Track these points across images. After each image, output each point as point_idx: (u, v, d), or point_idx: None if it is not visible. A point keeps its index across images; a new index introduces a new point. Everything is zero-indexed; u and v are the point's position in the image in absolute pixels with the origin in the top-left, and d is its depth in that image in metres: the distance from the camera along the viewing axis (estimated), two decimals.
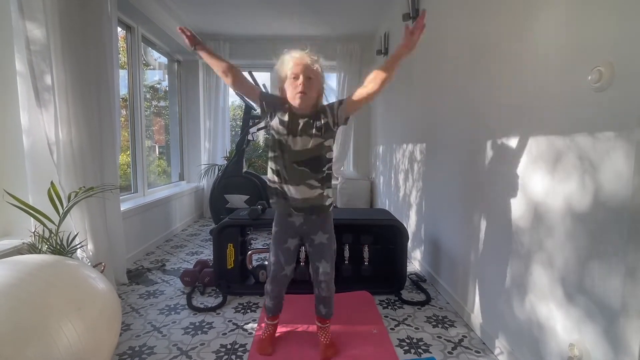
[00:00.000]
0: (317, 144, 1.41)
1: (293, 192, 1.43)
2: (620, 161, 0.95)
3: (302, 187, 1.42)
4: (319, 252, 1.52)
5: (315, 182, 1.43)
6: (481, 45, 1.71)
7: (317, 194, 1.44)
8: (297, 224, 1.50)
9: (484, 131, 1.68)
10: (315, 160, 1.42)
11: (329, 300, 1.57)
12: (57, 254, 1.55)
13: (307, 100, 1.37)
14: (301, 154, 1.41)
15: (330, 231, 1.53)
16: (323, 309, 1.58)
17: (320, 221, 1.50)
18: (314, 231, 1.50)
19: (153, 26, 3.29)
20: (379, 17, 3.71)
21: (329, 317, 1.59)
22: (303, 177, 1.42)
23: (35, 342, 1.01)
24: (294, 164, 1.41)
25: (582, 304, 1.08)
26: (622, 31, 0.95)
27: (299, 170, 1.41)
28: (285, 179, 1.44)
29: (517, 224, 1.41)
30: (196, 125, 4.55)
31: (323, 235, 1.51)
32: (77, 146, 1.90)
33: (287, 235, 1.52)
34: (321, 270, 1.52)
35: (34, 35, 1.68)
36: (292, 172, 1.42)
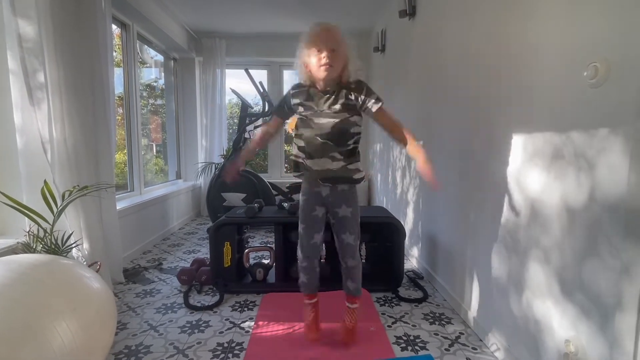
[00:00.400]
0: (341, 118, 1.43)
1: (316, 165, 1.46)
2: (616, 158, 0.95)
3: (324, 159, 1.45)
4: (343, 225, 1.53)
5: (338, 155, 1.45)
6: (478, 42, 1.71)
7: (340, 166, 1.46)
8: (323, 195, 1.53)
9: (481, 128, 1.68)
10: (338, 134, 1.43)
11: (356, 273, 1.58)
12: (51, 254, 1.54)
13: (333, 72, 1.38)
14: (324, 127, 1.43)
15: (354, 205, 1.54)
16: (351, 284, 1.59)
17: (346, 195, 1.52)
18: (338, 204, 1.52)
19: (148, 24, 3.26)
20: (375, 13, 3.69)
21: (357, 294, 1.59)
22: (326, 151, 1.44)
23: (29, 343, 1.01)
24: (317, 136, 1.43)
25: (578, 301, 1.08)
26: (617, 27, 0.95)
27: (322, 142, 1.43)
28: (309, 154, 1.47)
29: (514, 221, 1.41)
30: (193, 123, 4.53)
31: (347, 209, 1.52)
32: (71, 145, 1.89)
33: (314, 203, 1.54)
34: (345, 242, 1.54)
35: (26, 32, 1.66)
36: (315, 146, 1.45)
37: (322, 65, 1.36)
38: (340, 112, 1.42)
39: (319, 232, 1.56)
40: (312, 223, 1.55)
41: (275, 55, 4.44)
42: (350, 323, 1.60)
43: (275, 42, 4.36)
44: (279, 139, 4.77)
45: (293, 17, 3.78)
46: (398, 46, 3.17)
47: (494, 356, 1.53)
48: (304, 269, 1.60)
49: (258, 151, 1.58)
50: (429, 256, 2.40)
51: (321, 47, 1.35)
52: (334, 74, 1.39)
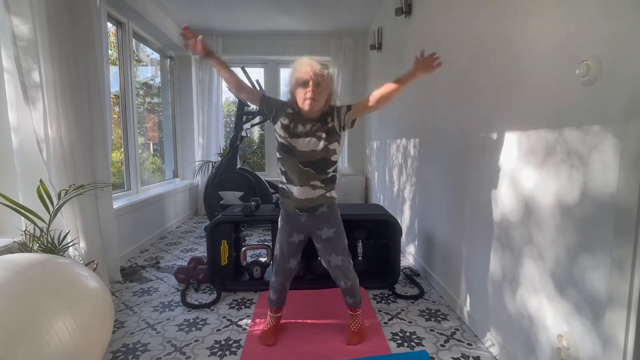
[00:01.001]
0: (322, 147, 1.45)
1: (296, 193, 1.48)
2: (607, 155, 0.96)
3: (305, 187, 1.48)
4: (328, 247, 1.55)
5: (318, 183, 1.48)
6: (473, 41, 1.71)
7: (319, 194, 1.49)
8: (302, 220, 1.54)
9: (476, 126, 1.69)
10: (319, 162, 1.47)
11: (352, 290, 1.60)
12: (48, 253, 1.54)
13: (316, 105, 1.42)
14: (305, 156, 1.45)
15: (336, 225, 1.56)
16: (349, 299, 1.62)
17: (325, 216, 1.53)
18: (319, 227, 1.54)
19: (144, 22, 3.25)
20: (372, 12, 3.69)
21: (356, 305, 1.63)
22: (307, 178, 1.47)
23: (26, 341, 1.01)
24: (299, 164, 1.46)
25: (571, 297, 1.09)
26: (609, 25, 0.96)
27: (304, 170, 1.46)
28: (290, 180, 1.50)
29: (508, 219, 1.42)
30: (190, 121, 4.52)
31: (329, 230, 1.54)
32: (67, 144, 1.88)
33: (292, 230, 1.56)
34: (333, 264, 1.55)
35: (21, 31, 1.65)
36: (296, 173, 1.47)
37: (306, 99, 1.40)
38: (321, 140, 1.45)
39: (295, 258, 1.59)
40: (289, 249, 1.57)
41: (272, 54, 4.43)
42: (354, 327, 1.64)
43: (272, 40, 4.35)
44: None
45: (290, 16, 3.77)
46: (394, 44, 3.18)
47: (488, 352, 1.54)
48: (276, 290, 1.64)
49: (219, 62, 1.50)
50: (425, 253, 2.42)
51: (307, 79, 1.39)
52: (316, 107, 1.43)
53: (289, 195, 1.51)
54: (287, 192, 1.52)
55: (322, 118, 1.47)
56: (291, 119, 1.47)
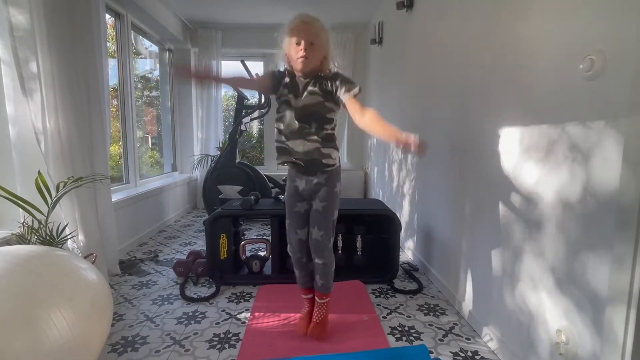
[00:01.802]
0: (316, 102, 1.45)
1: (294, 146, 1.49)
2: (609, 151, 0.95)
3: (301, 140, 1.47)
4: (313, 218, 1.55)
5: (315, 137, 1.47)
6: (475, 34, 1.70)
7: (315, 147, 1.47)
8: (300, 188, 1.56)
9: (477, 121, 1.68)
10: (314, 116, 1.46)
11: (326, 270, 1.56)
12: (46, 245, 1.53)
13: (309, 64, 1.41)
14: (301, 110, 1.46)
15: (328, 199, 1.53)
16: (319, 281, 1.58)
17: (319, 188, 1.53)
18: (313, 197, 1.55)
19: (143, 13, 3.21)
20: (373, 6, 3.66)
21: (324, 291, 1.59)
22: (303, 132, 1.47)
23: (24, 333, 1.00)
24: (295, 119, 1.46)
25: (571, 292, 1.09)
26: (613, 19, 0.95)
27: (300, 125, 1.46)
28: (287, 136, 1.50)
29: (508, 214, 1.42)
30: (188, 115, 4.50)
31: (320, 203, 1.53)
32: (65, 136, 1.87)
33: (295, 199, 1.58)
34: (313, 237, 1.55)
35: (18, 20, 1.63)
36: (293, 128, 1.47)
37: (299, 58, 1.39)
38: (315, 95, 1.45)
39: (303, 228, 1.59)
40: (294, 219, 1.59)
41: (272, 47, 4.31)
42: (317, 317, 1.59)
43: (272, 34, 4.27)
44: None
45: (290, 8, 3.74)
46: (395, 38, 3.16)
47: (487, 346, 1.55)
48: (294, 263, 1.65)
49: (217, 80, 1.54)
50: (424, 248, 2.42)
51: (299, 39, 1.38)
52: (310, 65, 1.42)
53: (288, 150, 1.50)
54: (285, 149, 1.51)
55: (321, 79, 1.46)
56: (291, 78, 1.49)
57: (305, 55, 1.38)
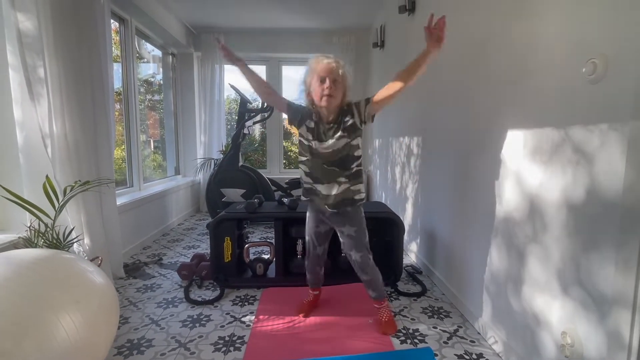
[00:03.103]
0: (344, 145, 1.53)
1: (324, 190, 1.58)
2: (613, 154, 0.96)
3: (332, 184, 1.56)
4: (348, 243, 1.65)
5: (343, 179, 1.56)
6: (478, 39, 1.71)
7: (345, 188, 1.57)
8: (327, 215, 1.63)
9: (480, 124, 1.69)
10: (343, 160, 1.55)
11: (373, 283, 1.69)
12: (53, 249, 1.54)
13: (333, 101, 1.49)
14: (329, 156, 1.54)
15: (358, 224, 1.63)
16: (372, 293, 1.71)
17: (348, 215, 1.61)
18: (342, 224, 1.63)
19: (147, 18, 3.25)
20: (375, 9, 3.69)
21: (379, 298, 1.71)
22: (333, 176, 1.56)
23: (33, 335, 1.02)
24: (324, 165, 1.55)
25: (576, 294, 1.10)
26: (616, 23, 0.96)
27: (329, 170, 1.55)
28: (316, 179, 1.58)
29: (513, 216, 1.42)
30: (191, 118, 4.53)
31: (351, 229, 1.62)
32: (71, 140, 1.89)
33: (318, 222, 1.69)
34: (353, 259, 1.66)
35: (26, 27, 1.65)
36: (322, 173, 1.56)
37: (324, 96, 1.47)
38: (342, 137, 1.52)
39: (322, 245, 1.74)
40: (316, 238, 1.73)
41: (274, 51, 4.43)
42: (384, 317, 1.70)
43: (274, 38, 4.35)
44: (278, 135, 4.77)
45: (292, 13, 3.77)
46: (397, 42, 3.18)
47: (491, 349, 1.55)
48: (309, 270, 1.82)
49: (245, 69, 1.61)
50: (427, 251, 2.43)
51: (324, 76, 1.46)
52: (334, 103, 1.50)
53: (317, 192, 1.60)
54: (314, 191, 1.61)
55: (341, 118, 1.54)
56: (317, 122, 1.56)
57: (330, 93, 1.46)
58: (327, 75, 1.46)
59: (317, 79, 1.47)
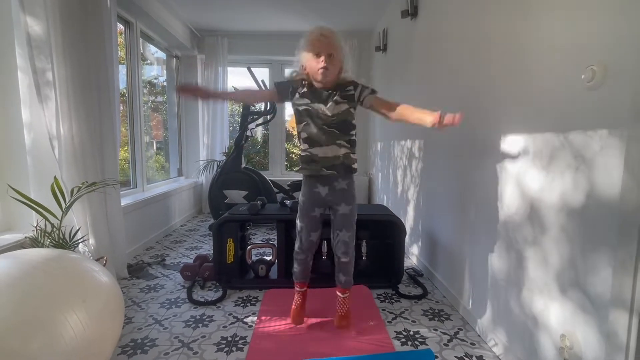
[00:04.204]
0: (344, 109, 1.54)
1: (322, 153, 1.55)
2: (612, 159, 0.98)
3: (332, 146, 1.55)
4: (341, 222, 1.64)
5: (344, 142, 1.56)
6: (479, 44, 1.73)
7: (344, 152, 1.56)
8: (322, 195, 1.62)
9: (481, 129, 1.71)
10: (343, 123, 1.55)
11: (347, 268, 1.68)
12: (59, 248, 1.57)
13: (329, 75, 1.49)
14: (330, 117, 1.53)
15: (352, 203, 1.63)
16: (342, 277, 1.69)
17: (345, 194, 1.61)
18: (338, 202, 1.62)
19: (151, 21, 3.28)
20: (377, 13, 3.72)
21: (347, 286, 1.70)
22: (333, 138, 1.55)
23: (41, 334, 1.03)
24: (324, 126, 1.53)
25: (575, 297, 1.11)
26: (614, 30, 0.98)
27: (329, 131, 1.54)
28: (315, 142, 1.56)
29: (513, 220, 1.44)
30: (194, 120, 4.56)
31: (346, 207, 1.62)
32: (78, 141, 1.91)
33: (313, 205, 1.64)
34: (340, 237, 1.65)
35: (35, 31, 1.68)
36: (322, 134, 1.54)
37: (319, 69, 1.46)
38: (342, 103, 1.53)
39: (316, 231, 1.68)
40: (310, 223, 1.66)
41: (277, 54, 4.46)
42: (342, 310, 1.70)
43: (277, 41, 4.38)
44: (280, 137, 4.80)
45: (295, 16, 3.80)
46: (399, 46, 3.20)
47: (492, 351, 1.56)
48: (299, 261, 1.73)
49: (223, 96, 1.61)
50: (428, 254, 2.44)
51: (320, 51, 1.45)
52: (330, 77, 1.50)
53: (314, 158, 1.56)
54: (312, 157, 1.57)
55: (341, 87, 1.54)
56: (311, 87, 1.55)
57: (325, 66, 1.45)
58: (323, 49, 1.45)
59: (312, 53, 1.47)
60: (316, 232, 1.68)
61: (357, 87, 1.56)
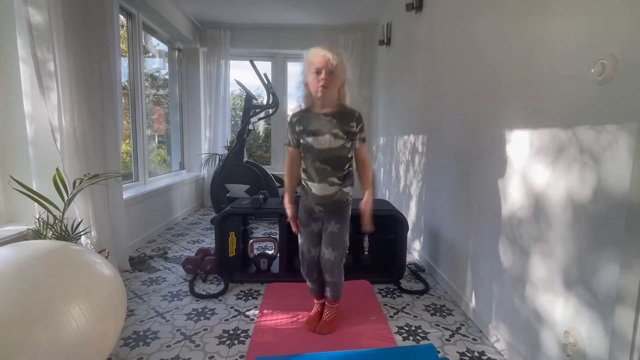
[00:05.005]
0: (340, 145, 1.53)
1: (315, 190, 1.56)
2: (620, 154, 0.97)
3: (323, 184, 1.55)
4: (328, 240, 1.61)
5: (336, 180, 1.56)
6: (486, 37, 1.71)
7: (335, 190, 1.56)
8: (316, 211, 1.62)
9: (485, 123, 1.69)
10: (336, 159, 1.54)
11: (334, 286, 1.67)
12: (62, 240, 1.57)
13: (328, 92, 1.48)
14: (323, 153, 1.53)
15: (342, 222, 1.62)
16: (330, 292, 1.70)
17: (336, 213, 1.60)
18: (328, 220, 1.61)
19: (154, 13, 3.25)
20: (381, 6, 3.68)
21: (334, 299, 1.71)
22: (325, 175, 1.54)
23: (44, 325, 1.04)
24: (317, 161, 1.54)
25: (580, 294, 1.10)
26: (625, 24, 0.96)
27: (321, 167, 1.54)
28: (310, 177, 1.58)
29: (517, 215, 1.43)
30: (197, 114, 4.54)
31: (335, 225, 1.60)
32: (80, 133, 1.90)
33: (309, 219, 1.64)
34: (325, 257, 1.61)
35: (36, 20, 1.67)
36: (314, 170, 1.55)
37: (319, 87, 1.46)
38: (339, 138, 1.52)
39: (315, 247, 1.66)
40: (309, 237, 1.65)
41: (280, 47, 4.43)
42: (327, 316, 1.70)
43: (280, 34, 4.35)
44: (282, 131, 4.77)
45: (298, 9, 3.76)
46: (404, 40, 3.17)
47: (494, 347, 1.56)
48: (308, 280, 1.72)
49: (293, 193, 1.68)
50: (430, 249, 2.44)
51: (320, 67, 1.46)
52: (329, 94, 1.49)
53: (308, 192, 1.59)
54: (307, 189, 1.60)
55: (342, 117, 1.53)
56: (306, 120, 1.55)
57: (325, 84, 1.45)
58: (323, 67, 1.45)
59: (313, 71, 1.47)
60: (315, 248, 1.65)
61: (359, 124, 1.55)
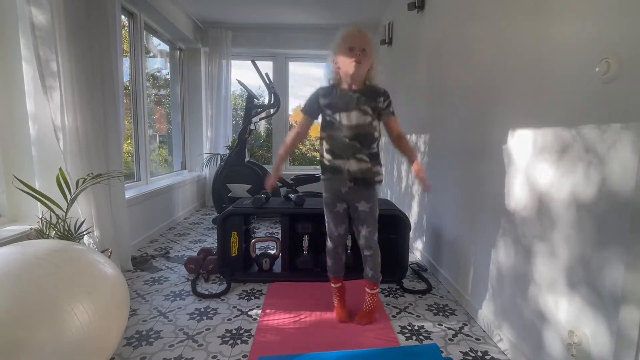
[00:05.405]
0: (368, 122, 1.58)
1: (344, 166, 1.59)
2: (625, 154, 0.96)
3: (353, 160, 1.58)
4: (361, 219, 1.67)
5: (365, 157, 1.59)
6: (489, 36, 1.70)
7: (366, 167, 1.60)
8: (342, 192, 1.64)
9: (488, 121, 1.69)
10: (364, 136, 1.58)
11: (374, 260, 1.71)
12: (65, 240, 1.57)
13: (360, 69, 1.54)
14: (352, 129, 1.57)
15: (373, 201, 1.66)
16: (369, 271, 1.72)
17: (365, 193, 1.64)
18: (358, 200, 1.64)
19: (156, 13, 3.26)
20: (383, 5, 3.67)
21: (375, 280, 1.72)
22: (353, 151, 1.58)
23: (47, 325, 1.03)
24: (345, 138, 1.57)
25: (584, 293, 1.10)
26: (630, 22, 0.95)
27: (350, 144, 1.57)
28: (337, 155, 1.60)
29: (520, 215, 1.42)
30: (198, 113, 4.54)
31: (366, 205, 1.65)
32: (82, 133, 1.91)
33: (335, 200, 1.68)
34: (362, 234, 1.68)
35: (39, 20, 1.67)
36: (343, 147, 1.58)
37: (353, 62, 1.51)
38: (367, 115, 1.57)
39: (342, 225, 1.72)
40: (336, 218, 1.71)
41: (281, 47, 4.43)
42: (368, 306, 1.73)
43: (282, 34, 4.35)
44: (283, 131, 4.78)
45: (299, 9, 3.76)
46: (406, 39, 3.16)
47: (497, 347, 1.56)
48: (331, 255, 1.77)
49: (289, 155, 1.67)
50: (433, 249, 2.43)
51: (354, 45, 1.52)
52: (361, 70, 1.55)
53: (337, 169, 1.60)
54: (334, 168, 1.61)
55: (369, 93, 1.58)
56: (332, 96, 1.60)
57: (359, 59, 1.51)
58: (357, 44, 1.52)
59: (347, 48, 1.53)
60: (342, 226, 1.72)
61: (386, 100, 1.60)
